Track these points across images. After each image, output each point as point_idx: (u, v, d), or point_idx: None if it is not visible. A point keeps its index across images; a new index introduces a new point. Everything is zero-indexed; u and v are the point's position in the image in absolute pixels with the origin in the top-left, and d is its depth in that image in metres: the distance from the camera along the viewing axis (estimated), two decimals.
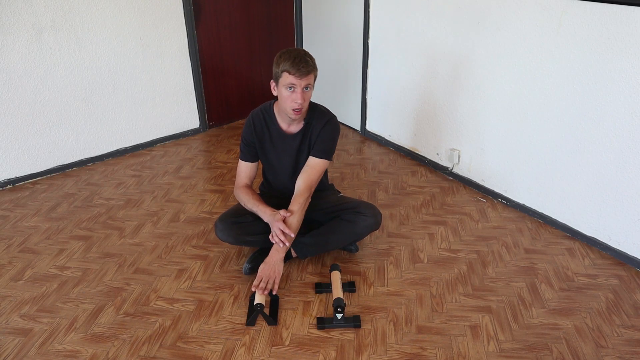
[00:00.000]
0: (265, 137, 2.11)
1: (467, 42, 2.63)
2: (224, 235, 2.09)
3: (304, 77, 1.87)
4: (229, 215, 2.13)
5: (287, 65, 1.85)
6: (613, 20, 2.00)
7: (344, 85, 3.67)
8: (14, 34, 2.68)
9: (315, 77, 1.94)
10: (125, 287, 2.08)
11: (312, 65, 1.89)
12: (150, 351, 1.75)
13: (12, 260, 2.25)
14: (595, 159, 2.22)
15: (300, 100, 1.89)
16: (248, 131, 2.11)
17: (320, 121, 2.06)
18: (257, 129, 2.10)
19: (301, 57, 1.86)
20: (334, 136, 2.09)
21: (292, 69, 1.84)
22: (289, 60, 1.85)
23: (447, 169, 3.01)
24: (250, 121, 2.11)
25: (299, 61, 1.85)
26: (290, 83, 1.87)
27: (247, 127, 2.12)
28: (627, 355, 1.73)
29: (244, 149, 2.15)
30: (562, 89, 2.26)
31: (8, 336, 1.81)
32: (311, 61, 1.90)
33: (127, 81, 3.19)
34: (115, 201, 2.75)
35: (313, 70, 1.90)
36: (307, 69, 1.86)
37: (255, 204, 2.07)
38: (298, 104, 1.90)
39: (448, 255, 2.29)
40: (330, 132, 2.07)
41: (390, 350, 1.76)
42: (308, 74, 1.88)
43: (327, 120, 2.07)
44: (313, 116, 2.06)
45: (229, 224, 2.08)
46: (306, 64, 1.86)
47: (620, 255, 2.24)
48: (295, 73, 1.85)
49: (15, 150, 2.88)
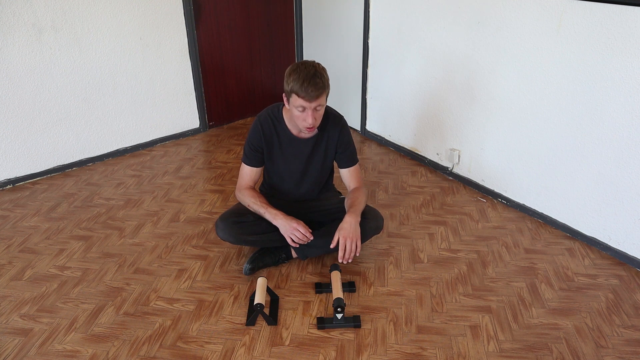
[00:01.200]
0: (274, 142, 2.07)
1: (467, 42, 2.63)
2: (225, 234, 2.08)
3: (315, 100, 1.80)
4: (230, 214, 2.12)
5: (296, 86, 1.78)
6: (613, 20, 2.00)
7: (344, 85, 3.67)
8: (14, 34, 2.68)
9: (327, 94, 1.87)
10: (125, 287, 2.07)
11: (322, 86, 1.80)
12: (150, 351, 1.75)
13: (12, 260, 2.25)
14: (595, 159, 2.22)
15: (311, 121, 1.85)
16: (256, 136, 2.05)
17: (335, 128, 2.06)
18: (266, 133, 2.05)
19: (310, 79, 1.77)
20: (351, 138, 2.15)
21: (301, 91, 1.77)
22: (298, 82, 1.77)
23: (447, 169, 3.01)
24: (259, 126, 2.05)
25: (307, 84, 1.76)
26: (301, 105, 1.82)
27: (255, 132, 2.06)
28: (627, 355, 1.73)
29: (250, 154, 2.09)
30: (562, 88, 2.26)
31: (8, 336, 1.81)
32: (321, 82, 1.80)
33: (127, 81, 3.19)
34: (115, 201, 2.75)
35: (324, 92, 1.82)
36: (316, 92, 1.78)
37: (262, 206, 2.05)
38: (309, 124, 1.87)
39: (448, 255, 2.29)
40: (349, 137, 2.13)
41: (390, 350, 1.76)
42: (319, 97, 1.80)
43: (342, 127, 2.08)
44: (327, 123, 2.05)
45: (230, 224, 2.08)
46: (315, 86, 1.77)
47: (620, 255, 2.24)
48: (305, 96, 1.78)
49: (15, 150, 2.88)
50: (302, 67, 1.81)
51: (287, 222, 2.01)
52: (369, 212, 2.12)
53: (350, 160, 2.15)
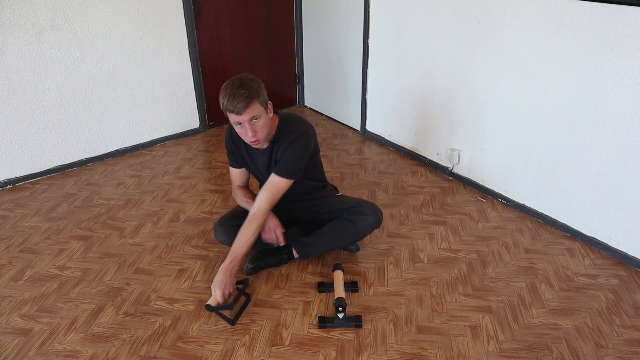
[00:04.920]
0: (241, 148, 2.07)
1: (467, 42, 2.63)
2: (224, 238, 2.10)
3: (244, 112, 1.74)
4: (228, 218, 2.14)
5: (225, 102, 1.75)
6: (613, 20, 2.00)
7: (344, 85, 3.67)
8: (14, 34, 2.68)
9: (261, 102, 1.78)
10: (125, 287, 2.07)
11: (248, 96, 1.73)
12: (150, 351, 1.75)
13: (12, 260, 2.25)
14: (595, 159, 2.22)
15: (250, 134, 1.80)
16: (228, 140, 2.10)
17: (286, 141, 1.94)
18: (235, 140, 2.07)
19: (235, 91, 1.72)
20: (298, 156, 1.96)
21: (229, 106, 1.74)
22: (225, 98, 1.74)
23: (447, 169, 3.01)
24: (229, 130, 2.08)
25: (233, 98, 1.72)
26: (235, 121, 1.80)
27: (227, 136, 2.09)
28: (627, 355, 1.73)
29: (229, 156, 2.15)
30: (562, 88, 2.26)
31: (8, 336, 1.81)
32: (247, 92, 1.73)
33: (127, 81, 3.19)
34: (115, 201, 2.75)
35: (252, 100, 1.74)
36: (243, 103, 1.72)
37: (248, 203, 2.07)
38: (250, 138, 1.82)
39: (448, 255, 2.29)
40: (293, 152, 1.94)
41: (390, 350, 1.76)
42: (247, 107, 1.74)
43: (293, 140, 1.94)
44: (280, 136, 1.96)
45: (228, 227, 2.09)
46: (241, 97, 1.72)
47: (620, 255, 2.24)
48: (234, 110, 1.74)
49: (15, 150, 2.88)
50: (230, 82, 1.78)
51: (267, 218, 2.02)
52: (367, 207, 2.12)
53: (279, 169, 1.96)
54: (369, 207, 2.12)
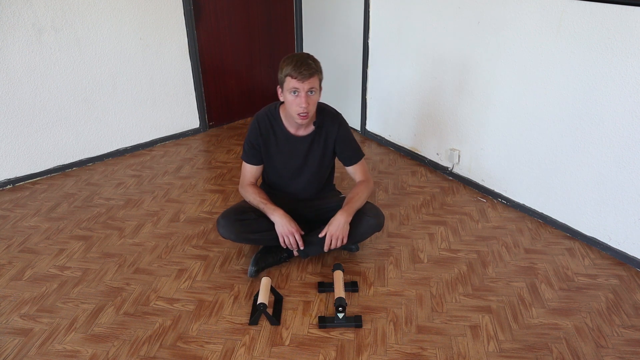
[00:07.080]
0: (270, 140, 2.09)
1: (467, 42, 2.63)
2: (226, 232, 2.07)
3: (307, 80, 1.86)
4: (232, 212, 2.11)
5: (289, 69, 1.86)
6: (613, 20, 2.00)
7: (344, 85, 3.67)
8: (14, 34, 2.68)
9: (320, 80, 1.93)
10: (125, 287, 2.07)
11: (314, 68, 1.88)
12: (150, 351, 1.75)
13: (12, 260, 2.25)
14: (595, 159, 2.22)
15: (304, 104, 1.88)
16: (253, 134, 2.09)
17: (334, 124, 2.08)
18: (263, 131, 2.08)
19: (303, 61, 1.86)
20: (351, 134, 2.17)
21: (294, 72, 1.85)
22: (291, 65, 1.86)
23: (447, 169, 3.01)
24: (256, 124, 2.08)
25: (300, 64, 1.85)
26: (294, 87, 1.87)
27: (253, 129, 2.09)
28: (627, 355, 1.73)
29: (249, 151, 2.12)
30: (562, 88, 2.26)
31: (8, 336, 1.81)
32: (314, 64, 1.89)
33: (127, 81, 3.19)
34: (115, 201, 2.75)
35: (316, 73, 1.89)
36: (309, 71, 1.85)
37: (262, 201, 2.07)
38: (302, 108, 1.89)
39: (448, 255, 2.29)
40: (348, 133, 2.13)
41: (390, 350, 1.76)
42: (311, 77, 1.86)
43: (340, 123, 2.10)
44: (324, 120, 2.07)
45: (231, 221, 2.07)
46: (308, 67, 1.85)
47: (620, 255, 2.24)
48: (297, 76, 1.85)
49: (15, 150, 2.88)
50: (295, 54, 1.93)
51: (285, 221, 2.01)
52: (370, 209, 2.12)
53: (354, 157, 2.17)
54: (372, 209, 2.13)
